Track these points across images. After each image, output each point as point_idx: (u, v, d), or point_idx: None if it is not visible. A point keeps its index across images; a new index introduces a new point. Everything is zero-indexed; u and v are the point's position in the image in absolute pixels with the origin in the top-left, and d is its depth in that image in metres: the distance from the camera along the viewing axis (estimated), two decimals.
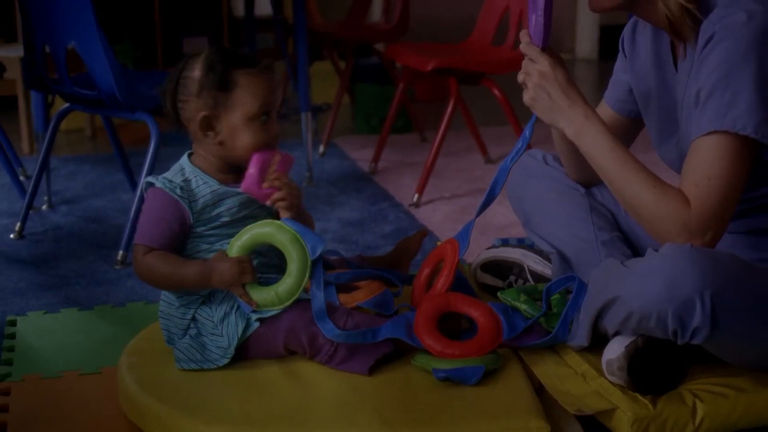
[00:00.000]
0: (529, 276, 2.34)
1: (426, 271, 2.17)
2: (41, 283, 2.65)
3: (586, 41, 5.93)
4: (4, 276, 2.70)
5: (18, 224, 3.02)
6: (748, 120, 1.79)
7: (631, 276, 1.84)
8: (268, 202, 1.99)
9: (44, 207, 3.28)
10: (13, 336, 2.31)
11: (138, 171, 3.29)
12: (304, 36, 3.34)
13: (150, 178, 1.98)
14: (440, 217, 3.13)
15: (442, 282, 2.08)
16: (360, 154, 3.92)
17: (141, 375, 1.95)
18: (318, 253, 1.95)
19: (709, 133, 1.82)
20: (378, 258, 2.32)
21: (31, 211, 3.11)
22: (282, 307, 1.95)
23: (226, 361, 1.96)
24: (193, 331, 2.00)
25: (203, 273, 1.93)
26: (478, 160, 3.82)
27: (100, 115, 3.11)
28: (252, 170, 1.96)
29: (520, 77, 2.03)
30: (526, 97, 1.99)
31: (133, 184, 3.29)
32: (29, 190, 3.03)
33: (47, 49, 2.86)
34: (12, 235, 3.01)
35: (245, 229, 1.96)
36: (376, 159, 3.71)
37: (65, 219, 3.19)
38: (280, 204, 1.99)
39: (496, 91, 3.36)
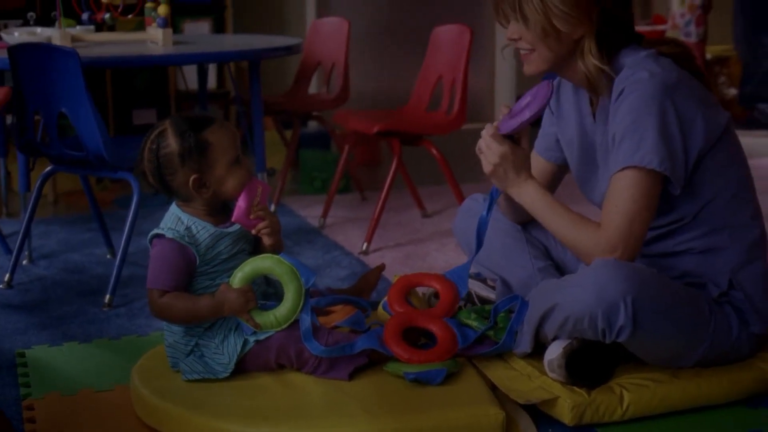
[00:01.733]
0: (476, 300, 2.71)
1: (402, 288, 2.54)
2: (38, 324, 2.94)
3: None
4: (2, 319, 2.99)
5: (7, 275, 3.31)
6: (653, 157, 2.21)
7: (566, 286, 2.24)
8: (253, 231, 2.35)
9: (25, 261, 3.56)
10: (25, 365, 2.60)
11: (98, 231, 3.62)
12: (260, 105, 3.71)
13: (157, 230, 2.30)
14: (389, 262, 3.49)
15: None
16: (307, 212, 4.29)
17: (153, 386, 2.28)
18: (311, 283, 2.30)
19: (623, 169, 2.24)
20: (344, 290, 2.68)
21: None
22: (280, 328, 2.29)
23: (227, 374, 2.29)
24: (197, 353, 2.33)
25: (215, 305, 2.25)
26: (416, 215, 4.21)
27: (82, 175, 3.43)
28: (241, 203, 2.32)
29: (483, 151, 2.39)
30: (486, 169, 2.38)
31: (108, 240, 3.60)
32: (18, 243, 3.32)
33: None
34: (1, 285, 3.29)
35: (246, 262, 2.30)
36: (324, 214, 4.08)
37: (47, 271, 3.49)
38: (264, 232, 2.34)
39: (434, 151, 3.76)
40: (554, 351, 2.28)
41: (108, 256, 3.61)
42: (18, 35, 3.84)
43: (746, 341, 2.36)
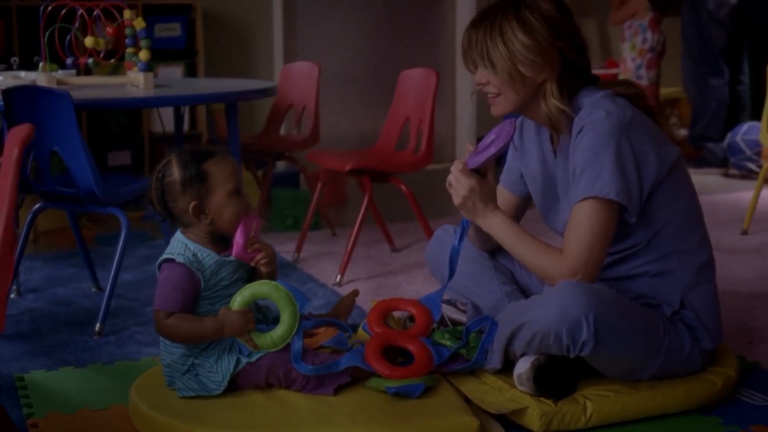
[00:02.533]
0: (449, 323, 2.91)
1: (380, 311, 2.72)
2: (32, 351, 3.10)
3: (463, 152, 6.64)
4: None
5: None
6: (611, 188, 2.43)
7: (533, 306, 2.45)
8: (252, 263, 2.54)
9: (13, 295, 3.71)
10: (25, 387, 2.76)
11: (80, 267, 3.79)
12: (237, 145, 3.90)
13: (167, 255, 2.47)
14: (361, 292, 3.66)
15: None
16: (281, 248, 4.46)
17: (152, 402, 2.45)
18: (305, 308, 2.49)
19: (584, 199, 2.46)
20: (323, 315, 2.86)
21: None
22: (276, 349, 2.46)
23: (220, 391, 2.47)
24: (192, 372, 2.50)
25: (217, 326, 2.43)
26: (385, 249, 4.41)
27: (71, 210, 3.60)
28: (239, 239, 2.50)
29: (453, 185, 2.60)
30: (456, 201, 2.59)
31: (93, 273, 3.76)
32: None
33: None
34: None
35: (245, 287, 2.48)
36: (299, 249, 4.27)
37: (36, 304, 3.64)
38: (263, 262, 2.53)
39: (403, 188, 3.98)
40: (523, 366, 2.48)
41: (93, 289, 3.77)
42: (2, 79, 4.02)
43: (698, 356, 2.57)
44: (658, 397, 2.49)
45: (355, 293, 2.89)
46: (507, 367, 2.55)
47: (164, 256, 2.49)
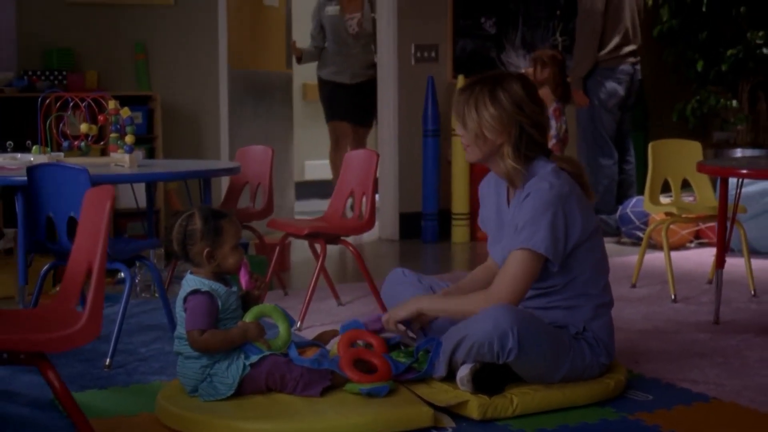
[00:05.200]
0: (402, 347, 3.64)
1: (347, 339, 3.44)
2: None
3: (388, 225, 7.43)
4: (25, 378, 3.77)
5: None
6: (542, 244, 3.21)
7: (472, 322, 3.21)
8: (255, 291, 3.28)
9: None
10: None
11: None
12: None
13: (193, 288, 3.16)
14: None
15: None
16: None
17: (181, 405, 3.14)
18: (294, 325, 3.30)
19: (520, 248, 3.24)
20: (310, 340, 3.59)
21: None
22: (282, 349, 3.22)
23: (231, 392, 3.17)
24: (208, 380, 3.20)
25: (241, 332, 3.16)
26: (333, 304, 5.12)
27: None
28: (245, 276, 3.26)
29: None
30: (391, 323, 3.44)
31: None
32: None
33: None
34: None
35: (253, 308, 3.23)
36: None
37: None
38: (262, 287, 3.32)
39: (351, 249, 4.73)
40: (464, 371, 3.23)
41: None
42: (3, 160, 4.69)
43: (596, 366, 3.36)
44: (567, 394, 3.26)
45: (334, 333, 3.59)
46: (450, 377, 3.30)
47: (188, 290, 3.18)
